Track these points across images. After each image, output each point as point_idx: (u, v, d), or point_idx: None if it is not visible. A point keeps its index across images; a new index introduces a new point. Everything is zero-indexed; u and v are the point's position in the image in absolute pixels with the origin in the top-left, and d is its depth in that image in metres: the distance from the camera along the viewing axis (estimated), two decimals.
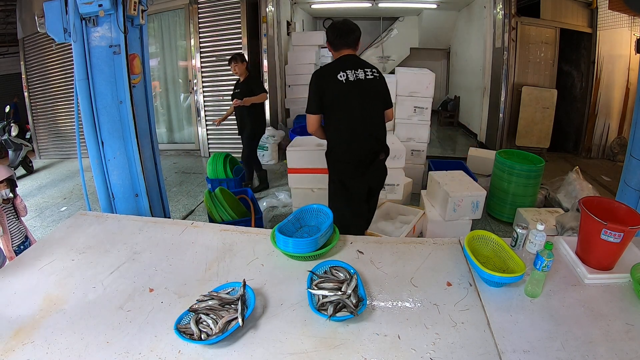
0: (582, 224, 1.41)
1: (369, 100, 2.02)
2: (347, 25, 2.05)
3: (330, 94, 1.97)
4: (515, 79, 5.04)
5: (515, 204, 3.24)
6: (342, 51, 2.06)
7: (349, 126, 2.00)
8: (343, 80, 1.96)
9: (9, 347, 1.11)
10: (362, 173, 2.05)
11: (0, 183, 2.12)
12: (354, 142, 2.01)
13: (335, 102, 1.98)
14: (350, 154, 2.03)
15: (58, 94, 6.01)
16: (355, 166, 2.04)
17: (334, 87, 1.96)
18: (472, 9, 6.48)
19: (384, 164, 2.19)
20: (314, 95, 1.99)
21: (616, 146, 5.22)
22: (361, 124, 2.00)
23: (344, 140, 2.02)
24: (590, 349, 1.07)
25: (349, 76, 1.97)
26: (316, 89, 1.98)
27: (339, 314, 1.17)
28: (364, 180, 2.08)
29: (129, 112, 2.15)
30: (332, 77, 1.97)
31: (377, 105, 2.08)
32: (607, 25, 4.93)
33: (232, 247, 1.61)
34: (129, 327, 1.18)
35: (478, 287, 1.33)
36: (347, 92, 1.96)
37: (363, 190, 2.12)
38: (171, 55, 5.65)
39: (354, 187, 2.08)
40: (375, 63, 8.81)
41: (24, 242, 2.28)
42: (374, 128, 2.06)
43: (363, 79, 1.99)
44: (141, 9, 2.18)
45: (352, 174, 2.05)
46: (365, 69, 2.02)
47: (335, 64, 2.03)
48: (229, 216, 2.89)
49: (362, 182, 2.08)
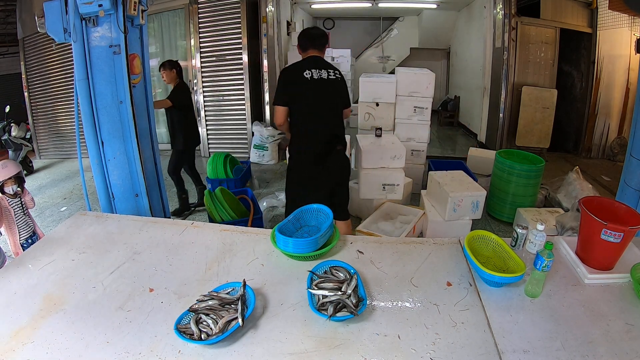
0: (582, 224, 1.41)
1: (329, 98, 2.23)
2: (317, 30, 2.31)
3: (296, 89, 2.15)
4: (515, 79, 5.03)
5: (515, 204, 3.24)
6: (309, 52, 2.25)
7: (310, 120, 2.21)
8: (308, 77, 2.14)
9: (9, 347, 1.11)
10: (319, 164, 2.23)
11: (9, 179, 2.13)
12: (313, 134, 2.21)
13: (300, 97, 2.16)
14: (310, 145, 2.22)
15: (58, 94, 6.00)
16: (314, 157, 2.22)
17: (299, 83, 2.14)
18: (472, 9, 6.48)
19: (345, 156, 2.39)
20: (283, 89, 2.16)
21: (616, 146, 5.22)
22: (321, 118, 2.22)
23: (305, 132, 2.23)
24: (590, 349, 1.07)
25: (313, 74, 2.15)
26: (284, 83, 2.17)
27: (339, 314, 1.17)
28: (322, 171, 2.26)
29: (129, 112, 2.15)
30: (299, 73, 2.15)
31: (337, 103, 2.28)
32: (607, 25, 4.93)
33: (232, 247, 1.61)
34: (129, 327, 1.18)
35: (478, 287, 1.33)
36: (310, 89, 2.15)
37: (319, 179, 2.28)
38: (171, 55, 5.64)
39: (309, 176, 2.27)
40: (375, 63, 8.83)
41: (32, 236, 2.30)
42: (332, 123, 2.27)
43: (325, 78, 2.19)
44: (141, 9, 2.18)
45: (311, 164, 2.23)
46: (329, 70, 2.22)
47: (302, 63, 2.22)
48: (229, 216, 2.89)
49: (320, 172, 2.26)
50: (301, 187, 2.31)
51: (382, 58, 8.74)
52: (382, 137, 3.49)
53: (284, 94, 2.15)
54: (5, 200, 2.18)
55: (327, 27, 8.99)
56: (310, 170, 2.25)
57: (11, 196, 2.18)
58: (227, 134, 5.62)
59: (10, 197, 2.18)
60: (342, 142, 2.32)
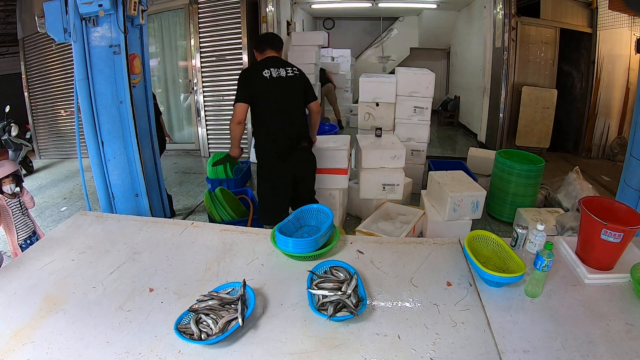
0: (582, 224, 1.41)
1: (289, 94, 2.28)
2: (274, 34, 2.45)
3: (256, 88, 2.20)
4: (515, 79, 5.03)
5: (515, 204, 3.24)
6: (267, 52, 2.33)
7: (272, 118, 2.26)
8: (267, 76, 2.20)
9: (9, 347, 1.11)
10: (285, 160, 2.30)
11: (6, 178, 2.12)
12: (276, 131, 2.27)
13: (261, 96, 2.21)
14: (273, 142, 2.28)
15: (58, 94, 6.00)
16: (278, 154, 2.29)
17: (259, 82, 2.20)
18: (472, 9, 6.47)
19: (310, 152, 2.48)
20: (243, 88, 2.19)
21: (616, 146, 5.22)
22: (282, 115, 2.27)
23: (268, 130, 2.28)
24: (590, 349, 1.07)
25: (272, 73, 2.21)
26: (245, 83, 2.20)
27: (339, 314, 1.17)
28: (287, 166, 2.33)
29: (129, 112, 2.15)
30: (259, 73, 2.22)
31: (297, 99, 2.34)
32: (607, 25, 4.93)
33: (232, 247, 1.61)
34: (129, 327, 1.18)
35: (478, 287, 1.33)
36: (270, 87, 2.21)
37: (286, 176, 2.36)
38: (171, 55, 5.64)
39: (278, 173, 2.34)
40: (375, 63, 8.82)
41: (31, 236, 2.28)
42: (294, 119, 2.33)
43: (284, 76, 2.25)
44: (141, 9, 2.19)
45: (276, 160, 2.30)
46: (287, 68, 2.28)
47: (261, 63, 2.30)
48: (229, 216, 2.89)
49: (285, 168, 2.33)
50: (270, 184, 2.37)
51: (382, 58, 8.74)
52: (382, 137, 3.49)
53: (245, 91, 2.18)
54: (4, 200, 2.17)
55: (327, 27, 8.99)
56: (277, 167, 2.32)
57: (10, 196, 2.17)
58: (227, 134, 5.61)
59: (9, 198, 2.18)
60: (307, 139, 2.40)
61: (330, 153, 2.91)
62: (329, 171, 2.91)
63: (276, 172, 2.34)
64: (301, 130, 2.36)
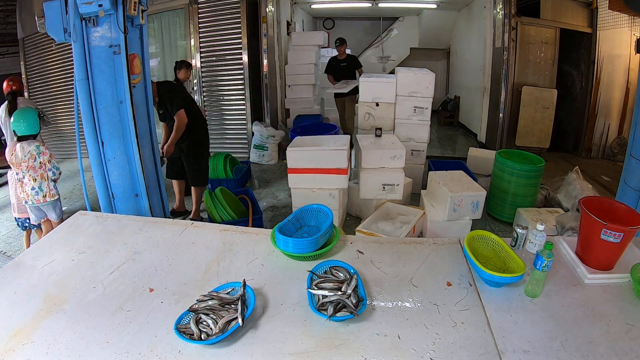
0: (582, 224, 1.41)
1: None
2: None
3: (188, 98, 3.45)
4: (515, 78, 5.03)
5: (515, 204, 3.24)
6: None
7: (198, 118, 3.47)
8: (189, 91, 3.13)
9: (9, 347, 1.11)
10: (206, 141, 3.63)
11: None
12: (202, 126, 3.56)
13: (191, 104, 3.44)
14: (202, 132, 3.55)
15: (58, 94, 6.00)
16: (204, 138, 3.59)
17: (187, 94, 3.50)
18: (472, 9, 6.47)
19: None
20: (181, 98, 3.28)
21: (616, 146, 5.22)
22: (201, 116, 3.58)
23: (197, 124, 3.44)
24: (590, 349, 1.07)
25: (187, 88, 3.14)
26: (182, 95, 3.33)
27: (339, 314, 1.17)
28: (207, 147, 3.65)
29: (129, 112, 2.15)
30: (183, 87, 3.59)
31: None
32: (607, 25, 4.93)
33: (232, 247, 1.61)
34: (129, 327, 1.18)
35: (478, 287, 1.33)
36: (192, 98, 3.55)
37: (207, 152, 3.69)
38: (171, 55, 5.64)
39: (205, 151, 3.62)
40: (375, 63, 8.81)
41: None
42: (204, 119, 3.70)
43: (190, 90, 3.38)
44: (141, 9, 2.18)
45: (205, 143, 3.59)
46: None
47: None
48: (229, 216, 2.89)
49: (207, 148, 3.65)
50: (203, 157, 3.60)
51: (382, 58, 8.74)
52: (382, 137, 3.49)
53: (183, 101, 3.24)
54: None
55: (327, 27, 8.98)
56: (204, 147, 3.59)
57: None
58: (227, 134, 5.62)
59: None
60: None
61: (330, 153, 2.91)
62: (329, 171, 2.90)
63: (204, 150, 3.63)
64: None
